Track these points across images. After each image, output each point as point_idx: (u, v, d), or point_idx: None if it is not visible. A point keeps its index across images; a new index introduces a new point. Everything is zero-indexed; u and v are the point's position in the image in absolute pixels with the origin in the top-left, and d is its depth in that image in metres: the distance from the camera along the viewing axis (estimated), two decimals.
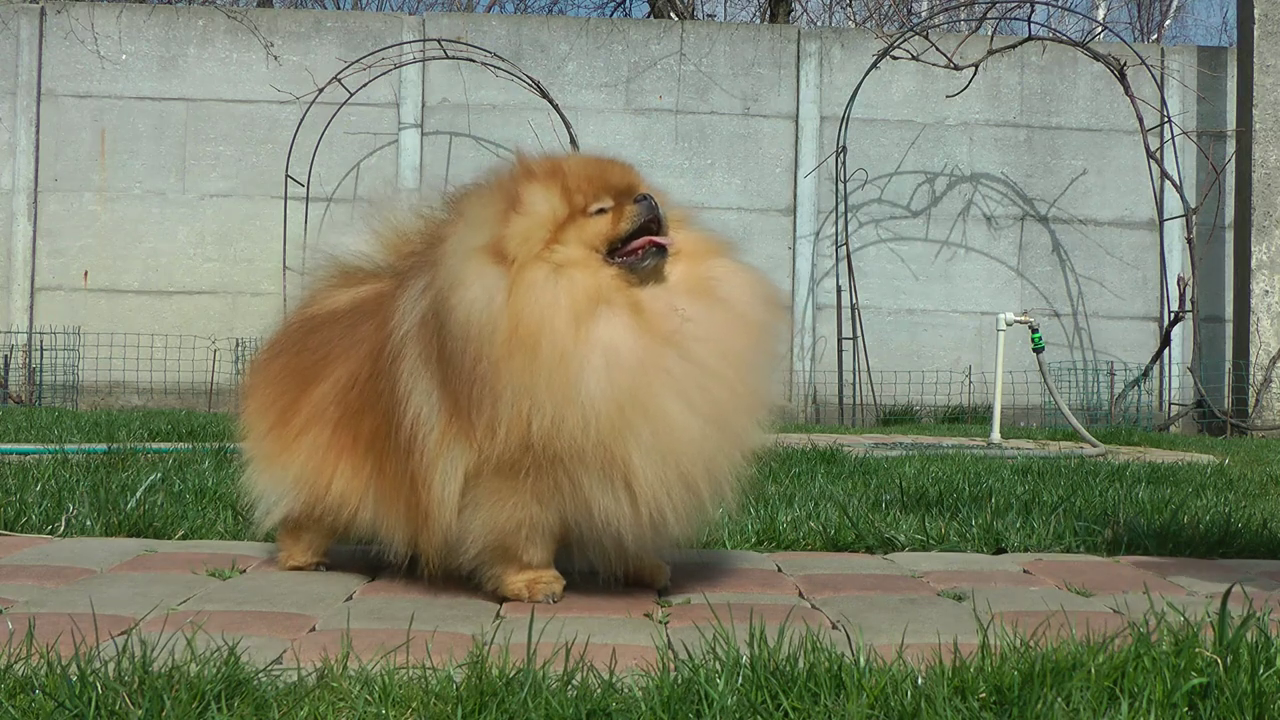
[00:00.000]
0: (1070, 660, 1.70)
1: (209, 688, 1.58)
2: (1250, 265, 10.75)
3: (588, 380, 2.10)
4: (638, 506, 2.17)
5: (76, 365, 10.95)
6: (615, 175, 2.34)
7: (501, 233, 2.22)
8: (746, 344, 2.29)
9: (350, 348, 2.46)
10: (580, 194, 2.27)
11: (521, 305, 2.13)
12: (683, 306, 2.24)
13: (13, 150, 11.16)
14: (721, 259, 2.38)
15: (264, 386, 2.63)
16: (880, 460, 5.37)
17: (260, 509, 2.61)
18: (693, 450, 2.18)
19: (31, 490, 3.46)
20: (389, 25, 11.55)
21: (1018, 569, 2.78)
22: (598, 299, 2.18)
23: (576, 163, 2.37)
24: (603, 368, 2.11)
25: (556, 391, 2.10)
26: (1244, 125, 10.95)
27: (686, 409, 2.17)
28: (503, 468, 2.18)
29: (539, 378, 2.10)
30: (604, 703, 1.58)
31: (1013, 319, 7.73)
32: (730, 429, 2.26)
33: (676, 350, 2.19)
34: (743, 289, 2.34)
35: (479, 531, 2.24)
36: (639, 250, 2.26)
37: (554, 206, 2.26)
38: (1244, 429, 10.46)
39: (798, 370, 11.35)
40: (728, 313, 2.29)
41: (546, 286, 2.16)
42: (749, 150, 11.52)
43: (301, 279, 2.86)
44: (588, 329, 2.14)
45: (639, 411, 2.13)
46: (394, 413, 2.28)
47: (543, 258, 2.19)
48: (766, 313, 2.36)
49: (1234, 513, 3.58)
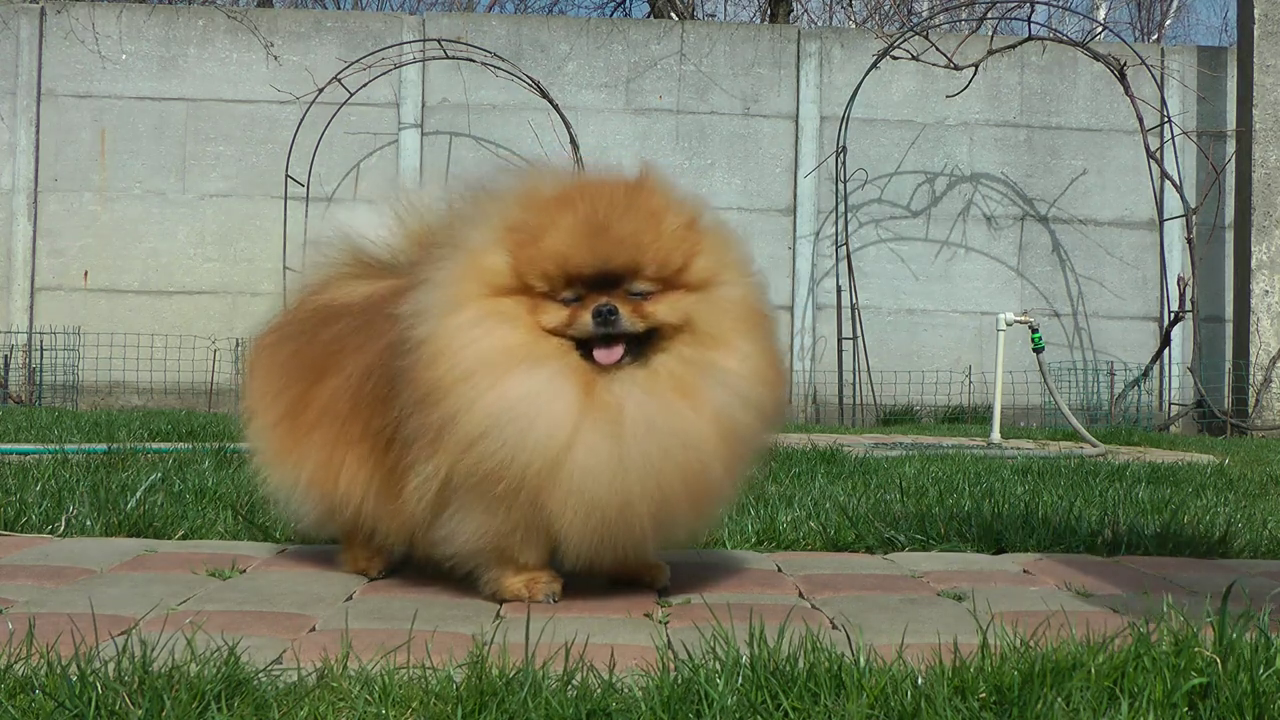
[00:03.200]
0: (1070, 660, 1.69)
1: (209, 688, 1.58)
2: (1250, 265, 10.75)
3: (501, 441, 2.08)
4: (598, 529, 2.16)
5: (76, 365, 10.95)
6: (590, 259, 2.13)
7: (466, 266, 2.19)
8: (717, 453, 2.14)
9: (365, 342, 2.41)
10: (544, 280, 2.16)
11: (447, 344, 2.13)
12: (635, 395, 2.12)
13: (13, 150, 11.16)
14: (725, 349, 2.18)
15: (271, 372, 2.59)
16: (880, 460, 5.37)
17: (282, 508, 2.60)
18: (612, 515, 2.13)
19: (31, 490, 3.46)
20: (389, 25, 11.55)
21: (1018, 569, 2.78)
22: (523, 358, 2.12)
23: (559, 233, 2.15)
24: (519, 431, 2.08)
25: (469, 444, 2.10)
26: (1244, 125, 10.95)
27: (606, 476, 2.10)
28: (477, 484, 2.17)
29: (454, 426, 2.11)
30: (604, 703, 1.58)
31: (1013, 319, 7.73)
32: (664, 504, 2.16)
33: (608, 422, 2.10)
34: (728, 394, 2.16)
35: (474, 533, 2.22)
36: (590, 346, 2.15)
37: (513, 279, 2.17)
38: (1244, 429, 10.46)
39: (797, 370, 11.35)
40: (691, 417, 2.12)
41: (466, 330, 2.13)
42: (749, 150, 11.52)
43: (310, 263, 2.78)
44: (503, 375, 2.10)
45: (553, 471, 2.09)
46: (399, 410, 2.27)
47: (481, 303, 2.15)
48: (740, 400, 2.18)
49: (1234, 512, 3.58)
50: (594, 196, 2.19)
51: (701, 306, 2.19)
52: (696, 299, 2.19)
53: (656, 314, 2.16)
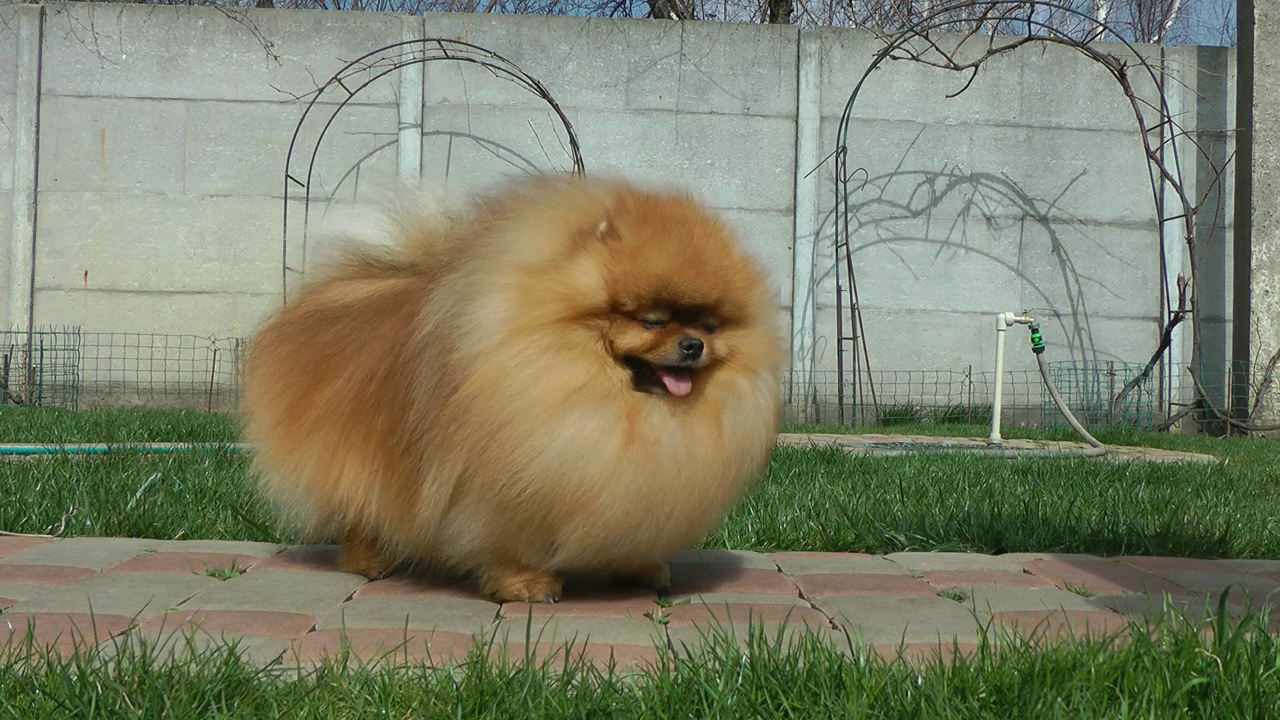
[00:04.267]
0: (1070, 660, 1.69)
1: (209, 688, 1.58)
2: (1250, 265, 10.75)
3: (548, 474, 2.08)
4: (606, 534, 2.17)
5: (76, 365, 10.96)
6: (688, 289, 2.13)
7: (533, 278, 2.13)
8: (723, 481, 2.21)
9: (368, 343, 2.40)
10: (636, 300, 2.12)
11: (501, 375, 2.08)
12: (671, 427, 2.14)
13: (13, 150, 11.17)
14: (754, 381, 2.25)
15: (271, 373, 2.58)
16: (880, 460, 5.37)
17: (281, 512, 2.59)
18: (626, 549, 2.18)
19: (31, 490, 3.46)
20: (389, 25, 11.55)
21: (1018, 569, 2.78)
22: (583, 399, 2.10)
23: (661, 255, 2.12)
24: (569, 468, 2.08)
25: (501, 461, 2.09)
26: (1244, 125, 10.95)
27: (633, 510, 2.12)
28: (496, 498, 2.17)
29: (492, 436, 2.10)
30: (604, 702, 1.58)
31: (1013, 319, 7.74)
32: (687, 527, 2.22)
33: (652, 465, 2.11)
34: (751, 425, 2.23)
35: (479, 532, 2.22)
36: (658, 375, 2.16)
37: (601, 294, 2.12)
38: (1244, 429, 10.46)
39: (797, 370, 11.36)
40: (716, 447, 2.18)
41: (531, 362, 2.09)
42: (749, 150, 11.52)
43: (310, 262, 2.78)
44: (558, 419, 2.08)
45: (585, 504, 2.10)
46: (405, 411, 2.26)
47: (551, 330, 2.10)
48: (753, 428, 2.25)
49: (1234, 512, 3.58)
50: (681, 222, 2.19)
51: (748, 342, 2.26)
52: (745, 334, 2.26)
53: (717, 349, 2.20)
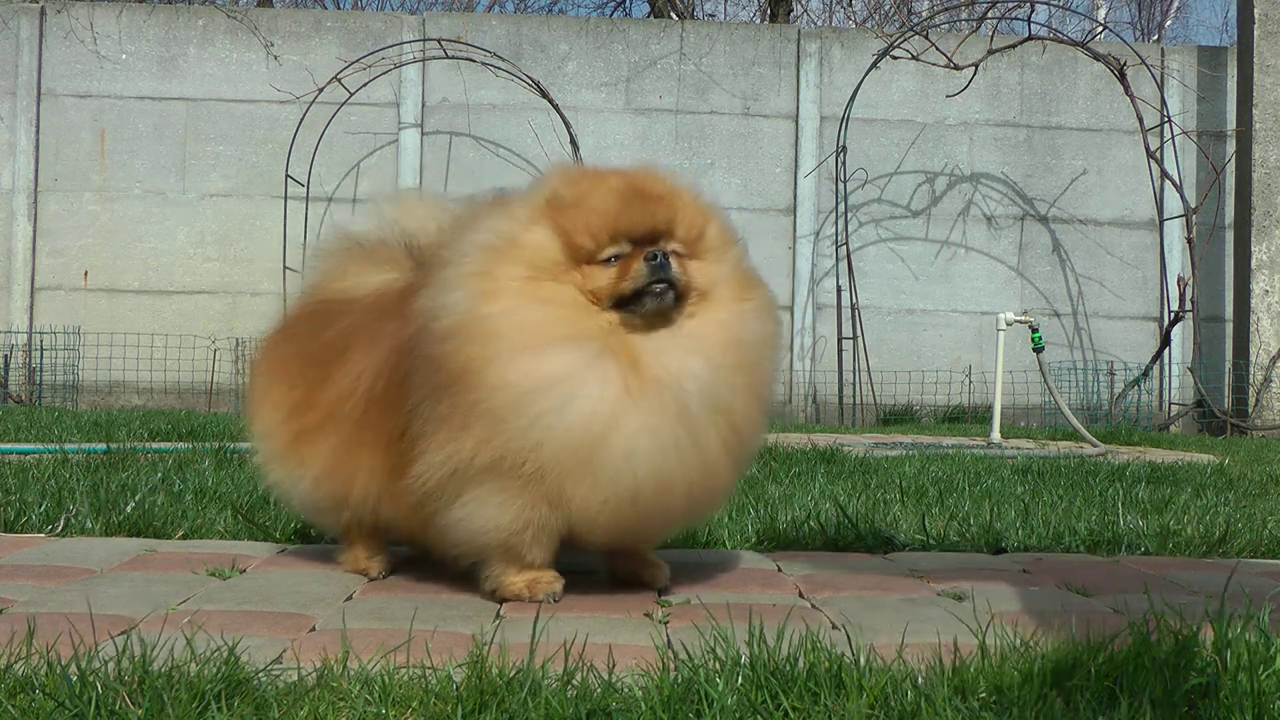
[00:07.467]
0: (1070, 660, 1.69)
1: (209, 687, 1.58)
2: (1250, 265, 10.75)
3: (533, 420, 2.09)
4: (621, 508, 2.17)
5: (76, 365, 10.95)
6: (636, 217, 2.22)
7: (496, 254, 2.18)
8: (739, 396, 2.23)
9: (373, 342, 2.42)
10: (591, 238, 2.19)
11: (481, 327, 2.12)
12: (681, 356, 2.17)
13: (13, 150, 11.16)
14: (740, 304, 2.28)
15: (276, 372, 2.60)
16: (880, 460, 5.37)
17: (286, 505, 2.59)
18: (648, 500, 2.16)
19: (31, 490, 3.46)
20: (389, 25, 11.55)
21: (1017, 569, 2.77)
22: (563, 335, 2.13)
23: (600, 195, 2.23)
24: (554, 409, 2.08)
25: (498, 424, 2.11)
26: (1244, 125, 10.95)
27: (651, 458, 2.12)
28: (500, 469, 2.17)
29: (485, 405, 2.11)
30: (604, 702, 1.58)
31: (1013, 319, 7.73)
32: (708, 476, 2.22)
33: (662, 399, 2.13)
34: (747, 335, 2.26)
35: (481, 528, 2.22)
36: (645, 306, 2.19)
37: (558, 249, 2.19)
38: (1244, 429, 10.46)
39: (797, 370, 11.36)
40: (725, 363, 2.21)
41: (506, 315, 2.12)
42: (749, 150, 11.52)
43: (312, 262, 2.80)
44: (544, 366, 2.09)
45: (587, 457, 2.10)
46: (414, 401, 2.27)
47: (526, 292, 2.15)
48: (764, 360, 2.30)
49: (1234, 512, 3.58)
50: (622, 172, 2.31)
51: (720, 273, 2.29)
52: (715, 267, 2.29)
53: (691, 273, 2.25)
